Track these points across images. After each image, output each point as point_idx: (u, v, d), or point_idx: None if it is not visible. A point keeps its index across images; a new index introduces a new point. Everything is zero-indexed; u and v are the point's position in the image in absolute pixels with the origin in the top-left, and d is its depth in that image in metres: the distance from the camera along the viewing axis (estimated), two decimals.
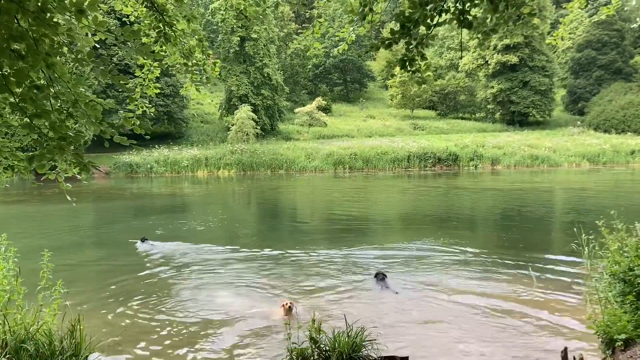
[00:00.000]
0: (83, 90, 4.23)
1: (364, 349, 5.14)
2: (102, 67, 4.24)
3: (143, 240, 15.06)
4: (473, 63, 66.18)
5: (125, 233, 16.96)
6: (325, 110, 63.52)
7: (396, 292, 9.97)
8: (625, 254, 6.43)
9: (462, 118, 68.52)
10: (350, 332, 5.18)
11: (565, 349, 6.74)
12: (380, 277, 10.49)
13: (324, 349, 5.13)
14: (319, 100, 62.21)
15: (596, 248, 8.31)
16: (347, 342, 5.08)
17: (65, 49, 4.21)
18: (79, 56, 4.06)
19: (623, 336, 5.52)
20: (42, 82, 3.93)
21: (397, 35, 4.75)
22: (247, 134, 46.77)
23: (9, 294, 5.27)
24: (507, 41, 59.79)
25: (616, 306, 6.11)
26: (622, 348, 5.48)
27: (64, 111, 4.09)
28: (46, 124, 3.88)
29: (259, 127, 49.11)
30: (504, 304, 9.25)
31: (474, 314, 8.77)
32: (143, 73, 6.13)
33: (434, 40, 5.04)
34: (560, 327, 8.08)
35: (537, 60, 61.66)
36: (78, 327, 4.94)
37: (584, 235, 10.49)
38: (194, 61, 6.03)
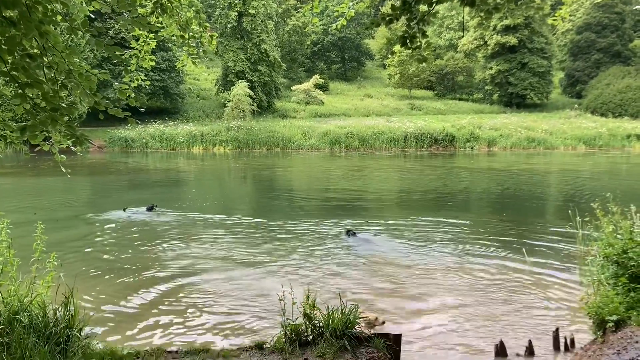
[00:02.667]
0: (77, 60, 4.15)
1: (357, 326, 5.16)
2: (97, 38, 4.16)
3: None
4: (472, 44, 65.73)
5: (119, 207, 16.90)
6: (323, 88, 63.15)
7: (366, 241, 11.82)
8: (619, 236, 6.44)
9: (460, 99, 68.26)
10: (344, 308, 5.19)
11: (557, 329, 6.81)
12: (351, 233, 12.50)
13: (318, 325, 5.14)
14: (317, 78, 61.82)
15: (590, 230, 8.34)
16: (340, 318, 5.09)
17: (59, 18, 4.12)
18: (73, 25, 3.97)
19: (614, 317, 5.55)
20: (35, 51, 3.84)
21: (398, 12, 4.66)
22: (243, 111, 46.47)
23: (2, 266, 5.24)
24: (507, 22, 59.31)
25: (609, 288, 6.13)
26: (613, 329, 5.51)
27: (58, 81, 4.01)
28: (39, 94, 3.81)
29: (255, 104, 48.81)
30: (497, 285, 9.31)
31: (467, 294, 8.83)
32: (139, 44, 6.03)
33: (435, 18, 4.96)
34: (553, 308, 8.15)
35: (536, 42, 61.27)
36: (72, 299, 4.92)
37: (578, 217, 10.54)
38: (191, 33, 5.93)
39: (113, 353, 4.65)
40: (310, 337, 5.13)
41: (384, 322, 6.83)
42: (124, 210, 16.00)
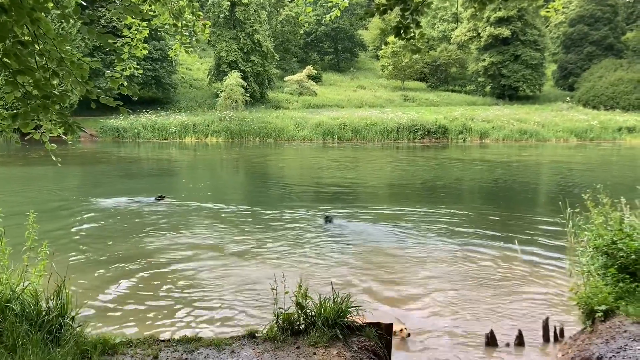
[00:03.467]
0: (69, 48, 4.12)
1: (350, 315, 5.19)
2: (89, 26, 4.12)
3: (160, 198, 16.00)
4: (465, 35, 65.68)
5: (111, 196, 16.85)
6: (316, 79, 62.95)
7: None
8: (608, 227, 6.50)
9: (453, 91, 68.27)
10: (336, 298, 5.21)
11: (547, 319, 6.88)
12: (329, 218, 13.09)
13: (310, 314, 5.17)
14: (310, 69, 61.61)
15: (580, 222, 8.41)
16: (332, 307, 5.12)
17: (50, 5, 4.09)
18: (65, 12, 3.94)
19: (603, 307, 5.62)
20: (26, 38, 3.81)
21: (392, 2, 4.67)
22: (236, 101, 46.25)
23: None
24: (500, 14, 59.32)
25: (598, 278, 6.21)
26: (602, 319, 5.58)
27: (49, 69, 3.98)
28: (30, 81, 3.78)
29: (248, 95, 48.57)
30: (488, 275, 9.39)
31: (457, 284, 8.89)
32: (131, 33, 5.99)
33: (429, 8, 4.97)
34: (543, 298, 8.23)
35: (529, 34, 61.31)
36: (64, 288, 4.92)
37: (569, 209, 10.63)
38: (184, 22, 5.89)
39: (106, 341, 4.66)
40: (303, 326, 5.16)
41: (409, 335, 6.64)
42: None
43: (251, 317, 7.27)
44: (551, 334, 6.77)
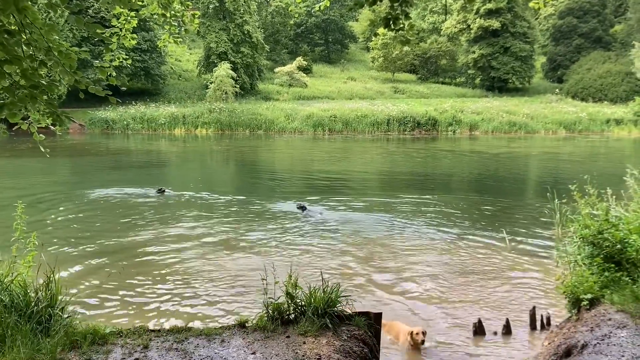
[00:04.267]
0: (57, 38, 4.10)
1: (339, 305, 5.23)
2: (76, 15, 4.10)
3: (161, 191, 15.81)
4: (455, 27, 65.75)
5: (100, 189, 16.77)
6: (306, 70, 62.79)
7: (320, 214, 13.22)
8: (595, 218, 6.59)
9: (443, 83, 68.38)
10: (326, 288, 5.25)
11: (534, 308, 6.98)
12: (302, 207, 13.41)
13: (300, 304, 5.20)
14: (300, 60, 61.42)
15: (568, 213, 8.50)
16: (322, 297, 5.15)
17: None
18: (52, 1, 3.91)
19: (589, 296, 5.70)
20: (13, 27, 3.78)
21: None
22: (225, 93, 46.05)
23: None
24: (489, 5, 59.41)
25: (584, 268, 6.29)
26: (588, 307, 5.66)
27: (37, 59, 3.96)
28: (18, 71, 3.76)
29: (238, 86, 48.37)
30: (476, 264, 9.48)
31: (446, 274, 8.97)
32: (119, 23, 5.95)
33: (419, 0, 4.98)
34: (530, 288, 8.33)
35: (519, 26, 61.48)
36: (53, 278, 4.91)
37: (556, 200, 10.73)
38: (172, 12, 5.86)
39: (96, 332, 4.66)
40: (293, 315, 5.19)
41: (423, 341, 6.08)
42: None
43: (241, 307, 7.30)
44: (538, 322, 6.87)
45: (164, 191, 15.71)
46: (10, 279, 4.96)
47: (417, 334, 6.04)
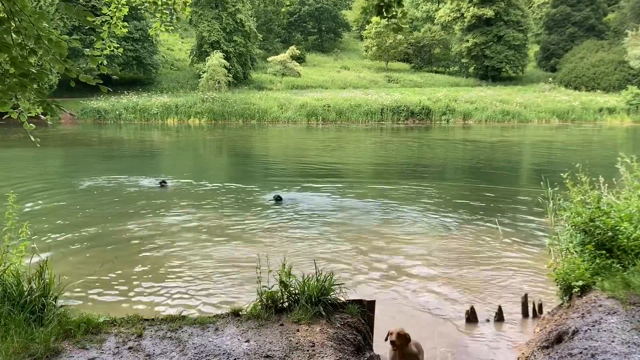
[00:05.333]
0: (46, 26, 4.05)
1: (333, 293, 5.25)
2: (66, 3, 4.06)
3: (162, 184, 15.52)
4: (449, 16, 65.59)
5: (94, 179, 16.70)
6: (299, 59, 62.53)
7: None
8: (587, 205, 6.63)
9: (436, 72, 68.33)
10: (320, 276, 5.27)
11: (526, 295, 7.03)
12: (278, 197, 13.53)
13: (294, 292, 5.22)
14: (293, 50, 61.17)
15: (560, 201, 8.54)
16: (316, 285, 5.17)
17: None
18: None
19: (580, 283, 5.75)
20: (1, 15, 3.74)
21: None
22: (218, 82, 45.77)
23: None
24: None
25: (576, 255, 6.34)
26: (579, 294, 5.71)
27: (26, 47, 3.92)
28: (7, 59, 3.72)
29: (230, 75, 48.08)
30: (468, 252, 9.53)
31: (438, 262, 9.02)
32: (110, 11, 5.89)
33: None
34: (522, 275, 8.39)
35: (513, 15, 61.43)
36: (46, 268, 4.90)
37: (549, 188, 10.79)
38: (163, 0, 5.82)
39: (89, 321, 4.67)
40: (286, 303, 5.21)
41: (394, 343, 4.86)
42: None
43: (235, 296, 7.32)
44: (530, 309, 6.93)
45: (165, 183, 15.49)
46: (2, 268, 4.95)
47: (390, 334, 4.81)
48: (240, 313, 5.12)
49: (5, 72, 3.78)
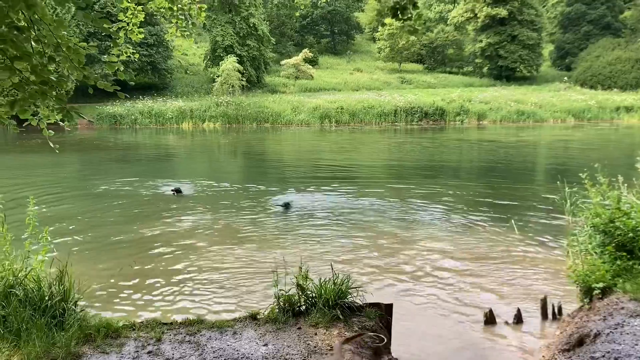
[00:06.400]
0: (65, 33, 4.10)
1: (350, 296, 5.24)
2: (84, 11, 4.10)
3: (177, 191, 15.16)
4: (462, 16, 65.23)
5: (111, 183, 16.86)
6: (312, 62, 62.57)
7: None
8: (606, 206, 6.54)
9: (450, 72, 67.99)
10: (337, 279, 5.26)
11: (545, 297, 6.96)
12: (286, 204, 13.18)
13: (311, 295, 5.22)
14: (306, 52, 61.20)
15: (578, 201, 8.45)
16: (333, 289, 5.17)
17: None
18: None
19: (601, 285, 5.67)
20: (22, 23, 3.79)
21: None
22: (232, 86, 45.98)
23: None
24: None
25: (596, 257, 6.26)
26: (600, 296, 5.64)
27: (46, 55, 3.97)
28: (28, 67, 3.77)
29: (244, 79, 48.25)
30: (485, 253, 9.46)
31: (455, 264, 8.96)
32: (127, 17, 5.95)
33: None
34: (541, 277, 8.31)
35: (526, 14, 60.92)
36: (66, 273, 4.96)
37: (566, 188, 10.68)
38: (179, 6, 5.86)
39: (109, 325, 4.71)
40: (303, 307, 5.21)
41: None
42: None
43: (252, 299, 7.33)
44: (549, 311, 6.85)
45: (179, 191, 15.09)
46: (24, 273, 5.01)
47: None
48: (258, 316, 5.13)
49: (26, 80, 3.83)
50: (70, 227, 11.56)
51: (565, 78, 59.93)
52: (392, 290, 7.80)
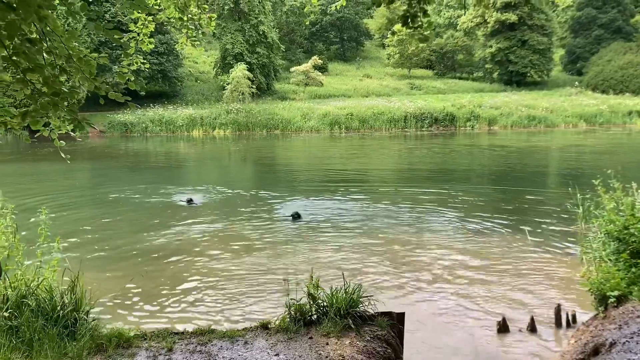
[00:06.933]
0: (76, 44, 4.13)
1: (361, 305, 5.21)
2: (95, 21, 4.14)
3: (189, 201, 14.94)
4: (472, 22, 65.08)
5: (122, 191, 16.95)
6: (322, 69, 62.67)
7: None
8: (620, 213, 6.46)
9: (460, 78, 67.81)
10: (348, 288, 5.23)
11: (559, 305, 6.87)
12: (296, 215, 12.74)
13: (322, 304, 5.19)
14: (315, 59, 61.33)
15: (591, 208, 8.35)
16: (344, 298, 5.14)
17: (56, 1, 4.10)
18: (72, 9, 3.95)
19: (616, 293, 5.59)
20: (34, 36, 3.83)
21: None
22: (242, 94, 46.20)
23: (8, 250, 5.28)
24: None
25: (610, 264, 6.18)
26: (615, 304, 5.56)
27: (57, 66, 4.00)
28: (40, 79, 3.80)
29: (254, 87, 48.46)
30: (498, 261, 9.37)
31: (468, 271, 8.89)
32: (137, 27, 5.99)
33: None
34: (554, 285, 8.22)
35: (537, 19, 60.66)
36: (78, 283, 4.97)
37: (579, 195, 10.57)
38: (189, 15, 5.89)
39: (120, 335, 4.71)
40: (315, 316, 5.18)
41: None
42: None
43: (263, 309, 7.31)
44: (563, 320, 6.77)
45: (191, 201, 14.94)
46: (36, 283, 5.04)
47: None
48: (269, 326, 5.11)
49: (38, 91, 3.85)
50: (82, 236, 11.63)
51: (577, 83, 59.53)
52: (404, 299, 7.74)
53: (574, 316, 6.79)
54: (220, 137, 42.43)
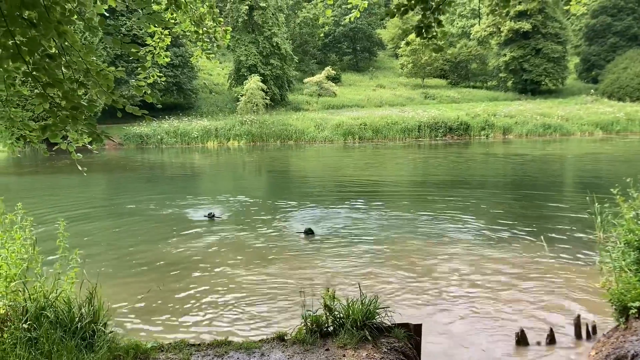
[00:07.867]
0: (94, 59, 4.20)
1: (378, 316, 5.18)
2: (112, 36, 4.19)
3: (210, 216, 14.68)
4: (485, 31, 64.97)
5: (138, 203, 17.08)
6: (335, 80, 62.90)
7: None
8: None
9: (474, 87, 67.63)
10: (364, 299, 5.21)
11: (578, 316, 6.77)
12: (309, 230, 12.37)
13: (338, 316, 5.17)
14: (328, 70, 61.58)
15: (609, 217, 8.25)
16: (360, 309, 5.11)
17: (75, 17, 4.17)
18: (90, 24, 4.01)
19: (637, 304, 5.51)
20: (53, 51, 3.89)
21: (412, 2, 4.65)
22: (256, 105, 46.53)
23: (27, 262, 5.34)
24: (520, 7, 58.52)
25: (630, 274, 6.09)
26: (636, 315, 5.47)
27: (76, 80, 4.06)
28: (59, 93, 3.86)
29: (268, 98, 48.79)
30: (515, 272, 9.27)
31: (485, 283, 8.80)
32: (154, 41, 6.07)
33: (450, 7, 4.94)
34: (573, 296, 8.10)
35: (551, 27, 60.36)
36: (95, 294, 5.01)
37: (596, 204, 10.45)
38: (205, 29, 5.96)
39: (138, 347, 4.73)
40: (331, 328, 5.16)
41: None
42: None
43: (280, 320, 7.29)
44: (583, 331, 6.66)
45: (213, 216, 14.61)
46: (54, 295, 5.08)
47: None
48: (285, 337, 5.10)
49: (57, 106, 3.91)
50: (99, 247, 11.72)
51: (592, 90, 59.03)
52: (421, 309, 7.68)
53: (594, 327, 6.68)
54: (235, 148, 42.66)
